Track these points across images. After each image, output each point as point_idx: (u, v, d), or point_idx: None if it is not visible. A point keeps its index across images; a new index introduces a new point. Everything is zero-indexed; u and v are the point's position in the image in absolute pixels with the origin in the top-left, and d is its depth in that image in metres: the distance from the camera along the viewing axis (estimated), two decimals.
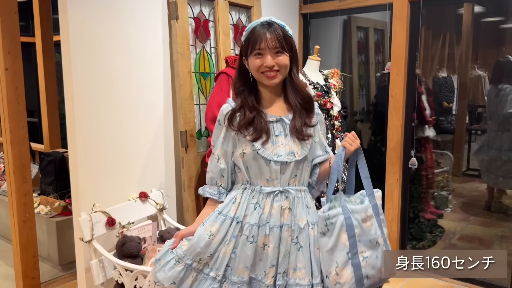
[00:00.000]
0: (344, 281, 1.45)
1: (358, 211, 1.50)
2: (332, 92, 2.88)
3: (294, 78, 1.58)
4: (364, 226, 1.49)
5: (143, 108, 2.59)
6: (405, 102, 3.15)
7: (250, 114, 1.53)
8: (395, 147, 3.19)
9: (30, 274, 2.94)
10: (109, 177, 2.42)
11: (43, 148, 4.34)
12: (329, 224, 1.46)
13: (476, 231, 3.94)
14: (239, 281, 1.49)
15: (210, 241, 1.52)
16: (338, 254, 1.46)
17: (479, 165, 4.24)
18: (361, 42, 4.10)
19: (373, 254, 1.49)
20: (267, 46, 1.48)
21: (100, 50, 2.34)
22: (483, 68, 4.47)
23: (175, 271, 1.51)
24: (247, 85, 1.57)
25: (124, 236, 2.23)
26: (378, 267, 1.49)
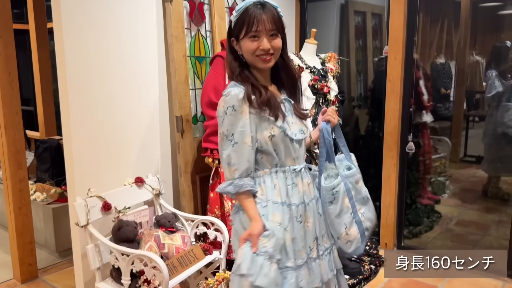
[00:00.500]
0: (353, 238, 1.63)
1: (351, 176, 1.68)
2: (329, 76, 2.86)
3: (286, 60, 1.55)
4: (357, 187, 1.69)
5: (138, 93, 2.55)
6: (402, 86, 3.13)
7: (266, 94, 1.47)
8: (392, 132, 3.18)
9: (27, 261, 2.94)
10: (104, 162, 2.40)
11: (38, 136, 4.32)
12: (335, 193, 1.61)
13: (473, 216, 3.95)
14: (303, 262, 1.54)
15: (283, 231, 1.49)
16: (345, 217, 1.63)
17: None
18: (358, 27, 4.05)
19: (367, 208, 1.70)
20: (264, 28, 1.43)
21: (93, 36, 2.30)
22: (481, 54, 4.43)
23: (274, 272, 1.43)
24: (243, 67, 1.52)
25: (120, 221, 2.21)
26: (371, 218, 1.71)
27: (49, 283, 2.90)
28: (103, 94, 2.37)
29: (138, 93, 2.55)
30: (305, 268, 1.54)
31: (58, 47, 2.21)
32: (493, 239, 3.52)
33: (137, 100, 2.56)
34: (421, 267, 3.02)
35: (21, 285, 2.88)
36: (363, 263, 3.03)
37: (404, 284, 2.84)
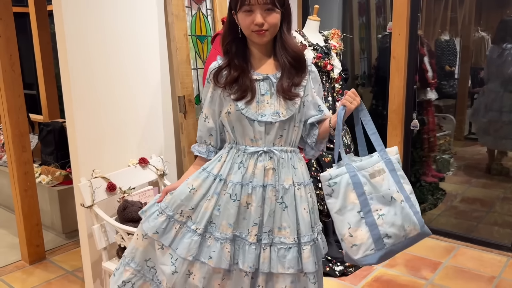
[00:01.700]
0: (360, 242, 1.40)
1: (364, 167, 1.44)
2: (333, 54, 2.82)
3: (284, 36, 1.50)
4: (374, 181, 1.43)
5: (140, 74, 2.54)
6: (407, 63, 3.09)
7: (235, 73, 1.48)
8: (397, 109, 3.15)
9: (34, 242, 2.97)
10: (107, 144, 2.40)
11: (42, 119, 4.32)
12: (332, 184, 1.42)
13: (478, 193, 3.95)
14: (222, 237, 1.49)
15: (191, 195, 1.53)
16: (349, 215, 1.41)
17: (476, 128, 4.21)
18: (362, 3, 3.99)
19: (391, 211, 1.41)
20: (257, 1, 1.40)
21: (93, 17, 2.27)
22: (486, 30, 4.36)
23: (157, 221, 1.54)
24: (236, 41, 1.51)
25: (125, 201, 2.23)
26: (398, 224, 1.40)
27: (57, 264, 2.94)
28: (104, 76, 2.36)
29: (139, 73, 2.53)
30: (225, 244, 1.48)
31: (58, 29, 2.19)
32: (498, 216, 3.52)
33: (139, 81, 2.54)
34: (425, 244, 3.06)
35: (29, 266, 2.92)
36: None
37: (408, 261, 2.86)
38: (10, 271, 2.87)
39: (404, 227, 1.41)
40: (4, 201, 3.98)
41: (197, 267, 1.51)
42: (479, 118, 3.99)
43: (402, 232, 1.41)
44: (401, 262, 2.84)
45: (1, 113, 2.84)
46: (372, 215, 1.40)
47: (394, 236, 1.40)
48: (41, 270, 2.88)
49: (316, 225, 1.57)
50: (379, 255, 1.39)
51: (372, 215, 1.40)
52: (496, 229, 3.32)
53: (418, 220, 1.44)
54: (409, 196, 1.46)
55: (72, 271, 2.84)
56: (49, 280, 2.74)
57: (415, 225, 1.43)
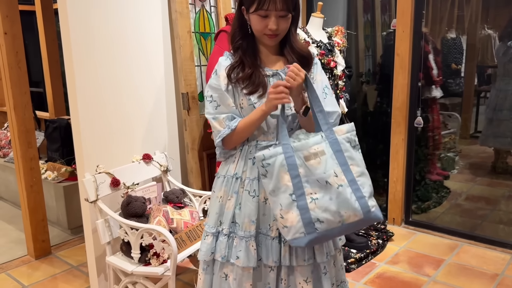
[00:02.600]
0: (290, 225, 1.36)
1: (300, 149, 1.38)
2: (336, 51, 2.82)
3: (292, 38, 1.53)
4: (308, 164, 1.37)
5: (144, 70, 2.56)
6: (411, 60, 3.08)
7: (249, 70, 1.50)
8: (401, 107, 3.15)
9: (40, 237, 3.01)
10: (112, 140, 2.42)
11: (48, 116, 4.36)
12: (265, 165, 1.38)
13: (483, 192, 3.93)
14: (246, 235, 1.50)
15: (221, 203, 1.56)
16: (281, 196, 1.37)
17: (485, 128, 4.16)
18: (366, 1, 3.98)
19: (325, 195, 1.35)
20: (275, 8, 1.42)
21: (98, 14, 2.29)
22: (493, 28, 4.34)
23: (207, 244, 1.56)
24: (246, 39, 1.53)
25: (129, 196, 2.25)
26: (333, 209, 1.34)
27: (62, 259, 2.98)
28: (109, 72, 2.38)
29: (143, 70, 2.55)
30: (250, 241, 1.49)
31: (63, 27, 2.21)
32: (502, 214, 3.51)
33: (143, 78, 2.56)
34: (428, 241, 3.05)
35: (35, 261, 2.96)
36: (370, 237, 3.05)
37: (411, 258, 2.86)
38: (16, 265, 2.90)
39: (340, 212, 1.35)
40: (10, 197, 4.02)
41: (229, 269, 1.54)
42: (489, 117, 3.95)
43: (338, 218, 1.35)
44: (404, 259, 2.84)
45: (7, 110, 2.87)
46: (305, 198, 1.36)
47: (327, 221, 1.35)
48: (47, 265, 2.91)
49: None
50: (308, 239, 1.36)
51: (304, 199, 1.36)
52: (501, 227, 3.31)
53: (362, 205, 1.36)
54: (355, 179, 1.38)
55: (77, 266, 2.87)
56: (54, 274, 2.78)
57: (355, 211, 1.35)
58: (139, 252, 2.12)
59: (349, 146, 1.40)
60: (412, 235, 3.20)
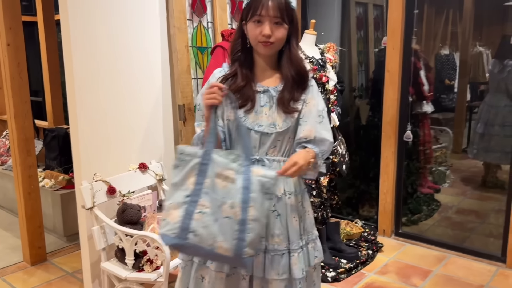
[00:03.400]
0: (170, 220, 1.38)
1: (218, 163, 1.40)
2: (328, 66, 2.92)
3: (292, 50, 1.54)
4: (216, 181, 1.39)
5: (142, 82, 2.65)
6: (400, 76, 3.18)
7: (242, 82, 1.53)
8: (391, 121, 3.24)
9: (36, 244, 3.06)
10: (109, 149, 2.50)
11: (47, 125, 4.44)
12: (181, 158, 1.42)
13: (472, 205, 4.01)
14: None
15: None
16: (179, 193, 1.40)
17: (476, 143, 4.22)
18: (360, 18, 4.10)
19: (213, 215, 1.37)
20: (268, 14, 1.46)
21: (99, 27, 2.39)
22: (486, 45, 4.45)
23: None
24: (244, 52, 1.56)
25: (125, 204, 2.32)
26: (211, 231, 1.35)
27: (57, 266, 3.02)
28: (107, 84, 2.47)
29: (142, 82, 2.64)
30: None
31: (65, 38, 2.31)
32: (493, 227, 3.58)
33: (141, 89, 2.65)
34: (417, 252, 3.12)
35: (31, 267, 3.01)
36: (360, 248, 3.12)
37: (400, 268, 2.92)
38: (12, 271, 2.95)
39: (215, 238, 1.35)
40: (8, 204, 4.07)
41: (205, 271, 1.57)
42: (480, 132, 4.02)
43: (210, 241, 1.36)
44: (392, 270, 2.90)
45: (8, 119, 2.95)
46: (195, 206, 1.37)
47: (200, 238, 1.36)
48: (42, 271, 2.96)
49: (306, 233, 1.61)
50: (175, 242, 1.38)
51: (195, 207, 1.37)
52: (488, 240, 3.38)
53: (237, 246, 1.35)
54: (247, 221, 1.36)
55: (72, 273, 2.92)
56: (50, 280, 2.82)
57: (229, 246, 1.35)
58: (133, 258, 2.18)
59: (258, 190, 1.38)
60: (401, 246, 3.27)
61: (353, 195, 3.93)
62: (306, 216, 1.62)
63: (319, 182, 2.89)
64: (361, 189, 3.90)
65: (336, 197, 3.13)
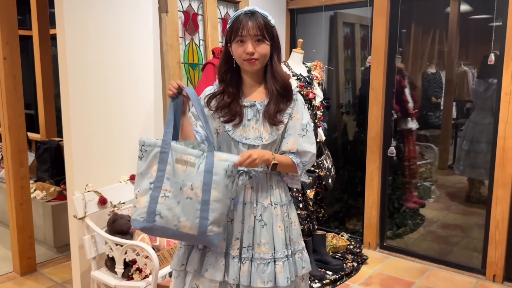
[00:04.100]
0: (138, 206, 1.52)
1: (177, 150, 1.52)
2: (315, 83, 3.04)
3: (274, 66, 1.65)
4: (176, 167, 1.51)
5: (135, 97, 2.73)
6: (384, 94, 3.31)
7: (228, 99, 1.64)
8: (375, 137, 3.35)
9: (26, 255, 3.09)
10: (101, 161, 2.57)
11: (39, 137, 4.49)
12: (143, 150, 1.54)
13: (456, 220, 4.10)
14: (217, 250, 1.61)
15: None
16: (145, 181, 1.52)
17: (462, 159, 4.31)
18: (347, 37, 4.24)
19: (176, 198, 1.50)
20: (249, 33, 1.56)
21: (94, 43, 2.49)
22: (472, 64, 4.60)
23: (179, 256, 1.67)
24: (230, 71, 1.67)
25: (115, 214, 2.38)
26: (175, 212, 1.49)
27: (47, 276, 3.06)
28: (101, 97, 2.55)
29: (134, 96, 2.73)
30: (219, 257, 1.60)
31: (61, 52, 2.40)
32: (475, 241, 3.67)
33: (134, 103, 2.74)
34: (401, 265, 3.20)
35: (20, 278, 3.03)
36: (346, 260, 3.19)
37: (383, 280, 3.00)
38: (2, 281, 2.98)
39: (179, 218, 1.49)
40: None
41: (200, 281, 1.63)
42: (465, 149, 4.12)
43: (175, 222, 1.49)
44: (376, 281, 2.98)
45: (2, 131, 3.01)
46: (159, 191, 1.50)
47: (166, 219, 1.49)
48: (32, 281, 2.99)
49: (292, 243, 1.67)
50: (143, 225, 1.51)
51: (159, 192, 1.50)
52: (470, 253, 3.47)
53: (201, 225, 1.48)
54: (210, 202, 1.49)
55: (61, 283, 2.95)
56: None
57: (192, 225, 1.48)
58: (123, 267, 2.24)
59: (222, 174, 1.49)
60: (385, 259, 3.35)
61: (340, 209, 4.02)
62: (292, 227, 1.70)
63: (305, 195, 2.98)
64: (348, 203, 3.99)
65: (322, 210, 3.21)
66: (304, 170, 1.67)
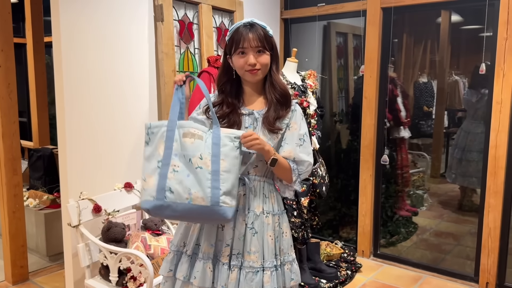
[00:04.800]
0: (148, 187, 1.50)
1: (183, 126, 1.53)
2: (309, 92, 3.07)
3: (273, 75, 1.68)
4: (183, 140, 1.52)
5: (130, 105, 2.74)
6: (377, 103, 3.34)
7: (227, 109, 1.66)
8: (368, 145, 3.38)
9: (18, 263, 3.06)
10: (96, 168, 2.57)
11: (32, 145, 4.46)
12: (150, 133, 1.54)
13: (449, 228, 4.13)
14: (204, 257, 1.62)
15: (187, 226, 1.70)
16: (152, 162, 1.52)
17: (454, 167, 4.33)
18: (340, 47, 4.29)
19: (185, 171, 1.49)
20: (250, 45, 1.59)
21: (90, 51, 2.50)
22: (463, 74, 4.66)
23: (167, 261, 1.69)
24: (230, 82, 1.70)
25: (110, 222, 2.37)
26: (185, 184, 1.47)
27: (39, 285, 3.03)
28: (96, 105, 2.56)
29: (129, 104, 2.74)
30: (207, 263, 1.60)
31: (56, 60, 2.40)
32: (468, 249, 3.70)
33: (129, 111, 2.74)
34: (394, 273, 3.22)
35: (12, 287, 3.00)
36: (340, 268, 3.20)
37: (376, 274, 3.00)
38: None
39: (190, 190, 1.47)
40: None
41: None
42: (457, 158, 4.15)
43: (186, 195, 1.47)
44: None
45: None
46: (168, 168, 1.49)
47: (177, 193, 1.47)
48: None
49: (282, 254, 1.67)
50: (154, 204, 1.48)
51: (167, 168, 1.49)
52: (463, 261, 3.49)
53: (213, 194, 1.47)
54: (220, 172, 1.49)
55: None
56: None
57: (204, 195, 1.47)
58: (117, 275, 2.23)
59: (231, 145, 1.52)
60: (379, 267, 3.36)
61: (334, 217, 4.03)
62: (282, 237, 1.70)
63: (300, 203, 2.99)
64: (342, 211, 4.01)
65: (316, 218, 3.23)
66: (299, 178, 1.68)
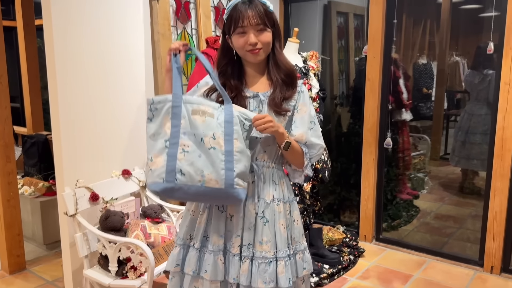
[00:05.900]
0: (155, 167, 1.38)
1: (191, 102, 1.42)
2: (311, 74, 2.97)
3: (277, 54, 1.57)
4: (192, 118, 1.41)
5: (125, 89, 2.64)
6: (381, 85, 3.26)
7: (231, 94, 1.54)
8: (371, 128, 3.31)
9: (15, 252, 2.99)
10: (92, 155, 2.48)
11: (26, 131, 4.36)
12: (153, 109, 1.41)
13: (450, 211, 4.10)
14: (215, 249, 1.54)
15: (192, 217, 1.60)
16: (159, 141, 1.40)
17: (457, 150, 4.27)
18: (341, 27, 4.18)
19: (196, 151, 1.39)
20: (249, 23, 1.47)
21: (83, 33, 2.38)
22: (462, 55, 4.58)
23: (173, 255, 1.60)
24: (230, 64, 1.58)
25: (108, 211, 2.30)
26: (197, 166, 1.38)
27: (37, 274, 2.97)
28: (91, 89, 2.45)
29: (125, 88, 2.64)
30: (218, 255, 1.53)
31: (48, 43, 2.29)
32: (470, 232, 3.67)
33: (125, 95, 2.64)
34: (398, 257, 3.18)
35: (9, 276, 2.94)
36: (342, 253, 3.16)
37: (381, 273, 2.97)
38: None
39: (203, 171, 1.38)
40: None
41: (200, 282, 1.56)
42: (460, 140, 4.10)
43: (199, 177, 1.38)
44: (373, 275, 2.95)
45: None
46: (177, 148, 1.38)
47: (189, 175, 1.38)
48: (21, 280, 2.90)
49: (294, 242, 1.59)
50: (164, 186, 1.38)
51: (176, 148, 1.38)
52: (466, 245, 3.46)
53: (226, 176, 1.39)
54: (233, 153, 1.41)
55: (52, 281, 2.87)
56: None
57: (218, 177, 1.39)
58: (117, 265, 2.16)
59: (240, 125, 1.44)
60: (382, 252, 3.32)
61: (334, 202, 3.98)
62: (294, 225, 1.62)
63: (302, 189, 2.92)
64: (342, 195, 3.96)
65: (318, 203, 3.17)
66: (310, 162, 1.60)
